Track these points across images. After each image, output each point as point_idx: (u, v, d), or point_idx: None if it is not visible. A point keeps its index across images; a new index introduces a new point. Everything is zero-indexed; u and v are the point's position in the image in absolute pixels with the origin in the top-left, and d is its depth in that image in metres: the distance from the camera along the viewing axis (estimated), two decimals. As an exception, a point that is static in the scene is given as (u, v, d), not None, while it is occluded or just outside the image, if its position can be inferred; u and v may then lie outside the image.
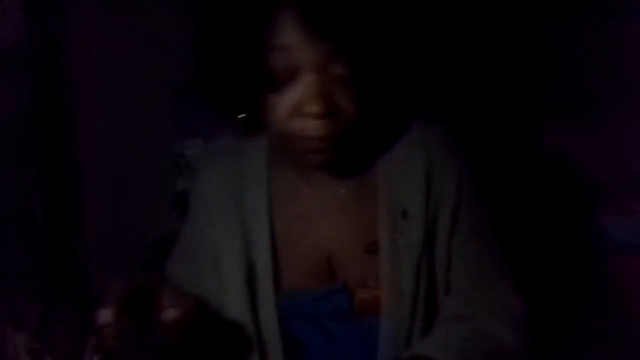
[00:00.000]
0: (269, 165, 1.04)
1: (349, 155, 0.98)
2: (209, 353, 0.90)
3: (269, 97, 0.92)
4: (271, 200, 1.02)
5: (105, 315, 0.78)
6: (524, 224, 1.51)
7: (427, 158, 1.01)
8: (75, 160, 2.08)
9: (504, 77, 1.57)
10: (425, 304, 0.98)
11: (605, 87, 1.54)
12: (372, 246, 0.99)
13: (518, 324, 0.99)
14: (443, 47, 1.31)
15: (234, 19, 0.90)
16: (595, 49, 1.53)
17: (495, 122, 1.57)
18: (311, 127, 0.91)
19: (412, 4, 0.96)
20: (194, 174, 1.10)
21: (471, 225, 1.02)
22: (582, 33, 1.54)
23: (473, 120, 1.52)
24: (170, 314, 0.78)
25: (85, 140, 2.08)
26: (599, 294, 1.52)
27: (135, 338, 0.77)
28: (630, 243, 1.52)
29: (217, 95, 0.98)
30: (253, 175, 1.03)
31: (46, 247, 2.00)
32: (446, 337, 0.95)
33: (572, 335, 1.47)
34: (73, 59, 2.07)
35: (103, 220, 2.04)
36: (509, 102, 1.58)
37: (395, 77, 0.98)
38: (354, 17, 0.88)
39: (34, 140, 2.01)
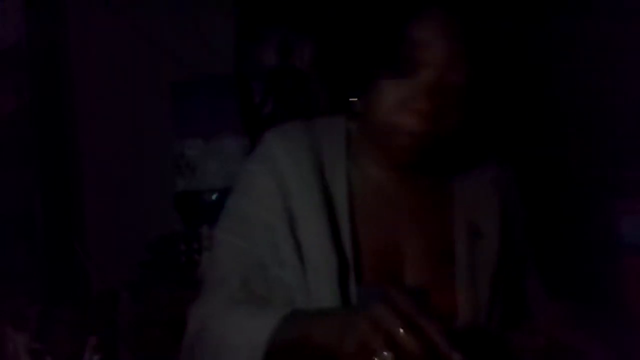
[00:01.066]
0: (347, 155, 1.04)
1: (430, 163, 1.00)
2: None
3: (383, 84, 0.95)
4: (350, 189, 1.02)
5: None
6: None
7: (501, 191, 1.07)
8: (75, 160, 2.09)
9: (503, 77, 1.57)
10: (500, 318, 1.01)
11: (605, 87, 1.54)
12: (446, 256, 1.00)
13: None
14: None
15: (385, 4, 0.94)
16: (597, 49, 1.53)
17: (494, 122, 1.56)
18: (413, 123, 0.94)
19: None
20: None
21: (529, 260, 1.11)
22: (582, 33, 1.54)
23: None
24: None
25: (85, 140, 2.08)
26: (599, 294, 1.52)
27: None
28: (630, 243, 1.52)
29: (341, 75, 1.00)
30: (331, 163, 1.03)
31: (46, 247, 2.00)
32: None
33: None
34: (73, 59, 2.07)
35: (103, 220, 2.05)
36: (507, 102, 1.58)
37: (493, 99, 1.04)
38: (485, 34, 0.95)
39: (34, 140, 2.02)
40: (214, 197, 1.82)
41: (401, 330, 0.73)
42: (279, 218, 0.99)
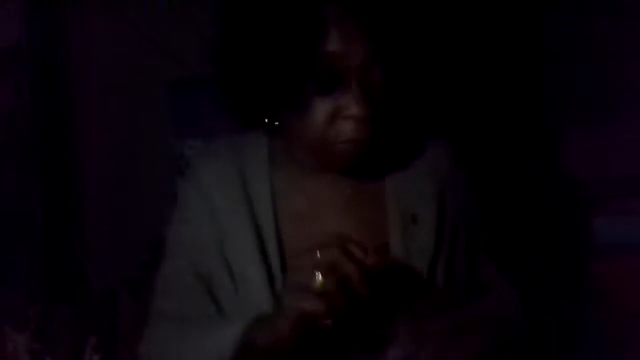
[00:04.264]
0: (270, 165, 1.05)
1: (364, 160, 1.01)
2: None
3: (311, 101, 0.95)
4: (274, 199, 1.03)
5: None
6: (521, 224, 1.51)
7: (437, 170, 1.06)
8: (75, 160, 2.08)
9: (501, 77, 1.57)
10: None
11: (605, 87, 1.54)
12: (383, 248, 0.99)
13: (518, 308, 1.09)
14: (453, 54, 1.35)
15: (283, 26, 0.93)
16: (595, 48, 1.54)
17: (493, 121, 1.57)
18: (351, 130, 0.95)
19: (438, 14, 1.02)
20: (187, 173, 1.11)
21: (482, 239, 1.10)
22: (580, 33, 1.54)
23: (470, 118, 1.52)
24: None
25: (85, 140, 2.08)
26: (599, 295, 1.52)
27: None
28: (631, 243, 1.52)
29: (254, 99, 0.99)
30: (255, 174, 1.04)
31: (46, 247, 2.00)
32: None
33: (573, 336, 1.47)
34: (73, 59, 2.07)
35: (103, 221, 2.04)
36: (506, 102, 1.58)
37: (420, 86, 1.04)
38: (394, 24, 0.95)
39: (34, 140, 2.02)
40: (213, 197, 1.82)
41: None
42: (209, 239, 1.01)
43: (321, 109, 0.95)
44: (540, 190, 1.57)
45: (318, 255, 0.85)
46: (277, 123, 1.01)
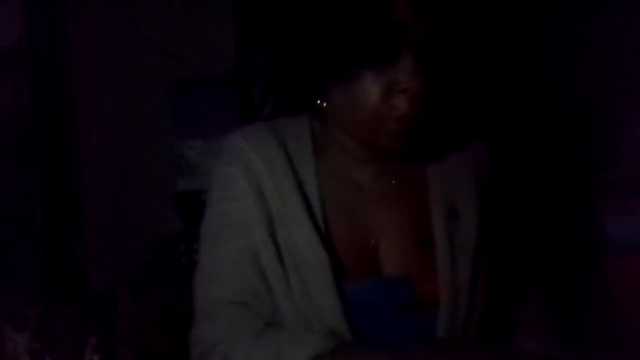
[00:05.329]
0: (315, 151, 1.04)
1: (408, 148, 1.00)
2: None
3: (365, 74, 0.95)
4: (320, 187, 1.01)
5: None
6: (522, 224, 1.50)
7: (477, 169, 1.07)
8: (75, 160, 2.09)
9: (502, 76, 1.57)
10: (483, 300, 1.00)
11: (605, 87, 1.54)
12: (427, 239, 1.00)
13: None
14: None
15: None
16: (596, 48, 1.54)
17: (493, 120, 1.57)
18: (406, 104, 0.94)
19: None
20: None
21: (510, 237, 1.11)
22: (581, 32, 1.54)
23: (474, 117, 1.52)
24: None
25: (85, 140, 2.08)
26: (599, 294, 1.52)
27: None
28: (631, 243, 1.52)
29: (310, 70, 0.99)
30: (300, 160, 1.03)
31: (46, 247, 2.00)
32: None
33: (572, 335, 1.47)
34: (73, 59, 2.08)
35: (103, 221, 2.05)
36: (507, 101, 1.58)
37: (467, 75, 1.06)
38: (458, 6, 0.97)
39: (34, 140, 2.02)
40: (214, 197, 1.82)
41: None
42: (257, 222, 0.99)
43: (375, 83, 0.94)
44: (540, 190, 1.57)
45: None
46: (325, 104, 1.01)
